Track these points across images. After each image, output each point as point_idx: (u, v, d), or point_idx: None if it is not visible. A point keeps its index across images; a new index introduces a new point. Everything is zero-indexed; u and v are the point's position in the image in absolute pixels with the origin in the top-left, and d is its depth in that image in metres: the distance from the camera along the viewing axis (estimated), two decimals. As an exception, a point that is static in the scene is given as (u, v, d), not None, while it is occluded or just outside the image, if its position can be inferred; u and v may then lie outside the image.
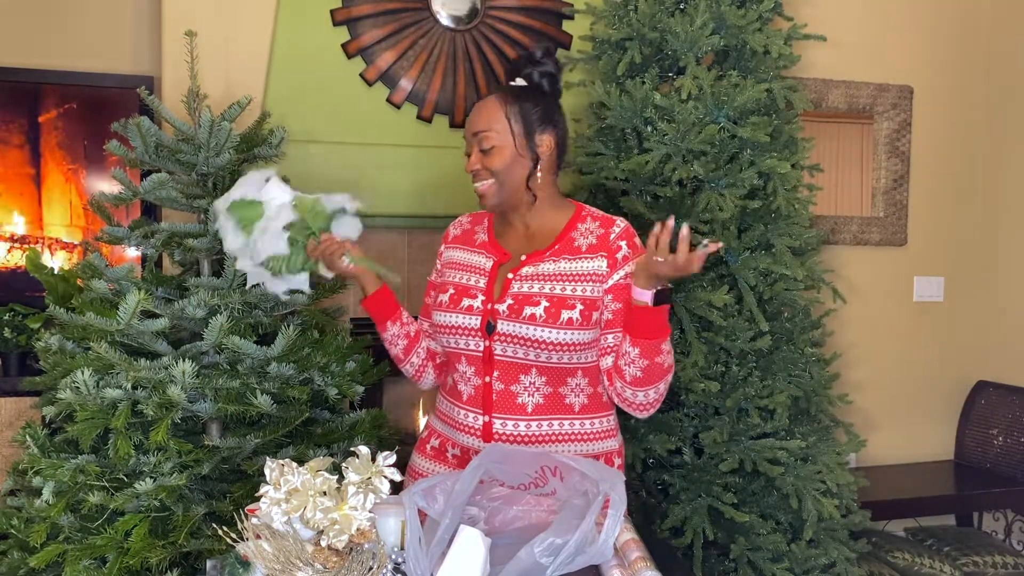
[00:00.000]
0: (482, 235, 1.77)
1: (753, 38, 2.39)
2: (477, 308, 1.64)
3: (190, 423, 2.09)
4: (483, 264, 1.71)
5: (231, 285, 2.07)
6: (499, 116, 1.66)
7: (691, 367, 2.26)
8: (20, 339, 2.76)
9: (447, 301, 1.69)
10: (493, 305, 1.63)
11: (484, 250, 1.73)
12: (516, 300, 1.61)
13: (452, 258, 1.78)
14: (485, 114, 1.67)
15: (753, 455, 2.25)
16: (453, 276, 1.73)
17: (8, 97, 2.95)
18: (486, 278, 1.68)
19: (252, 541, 1.20)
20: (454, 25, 2.91)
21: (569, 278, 1.62)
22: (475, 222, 1.81)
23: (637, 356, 1.54)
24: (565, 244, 1.66)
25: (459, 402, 1.68)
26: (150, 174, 2.16)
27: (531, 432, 1.62)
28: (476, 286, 1.68)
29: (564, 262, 1.64)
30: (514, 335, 1.60)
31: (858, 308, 3.26)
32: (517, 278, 1.65)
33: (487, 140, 1.66)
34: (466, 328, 1.64)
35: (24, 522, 2.03)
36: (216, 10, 2.73)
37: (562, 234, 1.68)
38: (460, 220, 1.85)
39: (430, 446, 1.77)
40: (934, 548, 3.01)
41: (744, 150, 2.39)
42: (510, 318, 1.60)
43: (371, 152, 2.84)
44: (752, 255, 2.35)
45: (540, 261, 1.66)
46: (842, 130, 3.48)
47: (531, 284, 1.63)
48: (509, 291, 1.63)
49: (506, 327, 1.60)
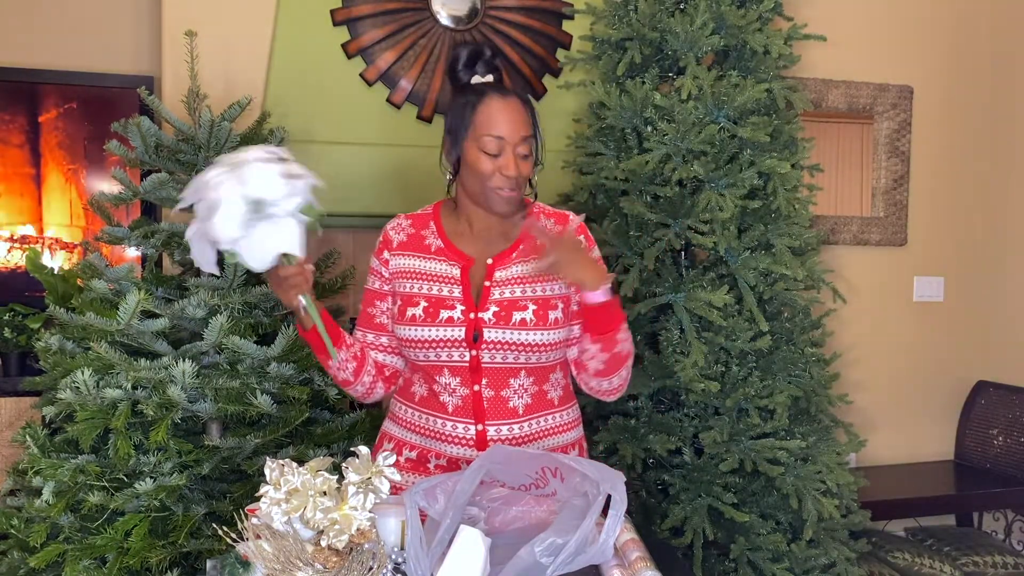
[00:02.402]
0: (434, 239, 1.68)
1: (753, 38, 2.39)
2: (459, 319, 1.59)
3: (190, 423, 2.09)
4: (450, 272, 1.64)
5: (231, 285, 2.07)
6: (530, 122, 1.62)
7: (691, 367, 2.26)
8: (20, 339, 2.76)
9: (422, 315, 1.60)
10: (477, 314, 1.59)
11: (444, 256, 1.66)
12: (501, 307, 1.59)
13: (404, 267, 1.67)
14: (524, 119, 1.60)
15: (753, 455, 2.25)
16: (416, 287, 1.64)
17: (8, 97, 2.95)
18: (460, 287, 1.62)
19: (252, 541, 1.20)
20: (454, 25, 2.91)
21: (544, 277, 1.63)
22: (418, 225, 1.71)
23: (598, 351, 1.59)
24: (529, 244, 1.65)
25: (442, 414, 1.63)
26: (150, 174, 2.16)
27: (524, 433, 1.63)
28: (452, 296, 1.61)
29: (534, 262, 1.63)
30: (503, 342, 1.58)
31: (858, 308, 3.26)
32: (495, 284, 1.61)
33: (526, 146, 1.60)
34: (449, 340, 1.59)
35: (24, 522, 2.03)
36: (216, 10, 2.73)
37: (524, 234, 1.66)
38: (398, 223, 1.73)
39: (405, 458, 1.67)
40: (934, 548, 3.01)
41: (744, 150, 2.39)
42: (498, 325, 1.58)
43: (371, 152, 2.84)
44: (752, 255, 2.35)
45: (509, 263, 1.64)
46: (842, 130, 3.48)
47: (512, 289, 1.61)
48: (490, 298, 1.60)
49: (494, 335, 1.58)
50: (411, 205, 3.01)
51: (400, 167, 2.85)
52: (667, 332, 2.35)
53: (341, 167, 2.79)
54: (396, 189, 2.86)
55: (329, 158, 2.78)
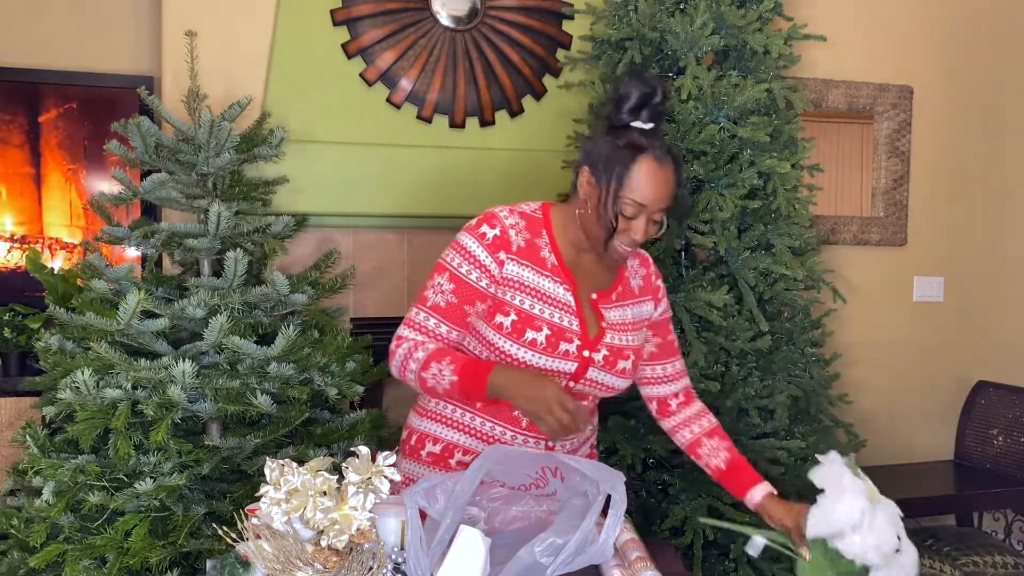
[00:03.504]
0: (548, 254, 1.56)
1: (753, 38, 2.39)
2: (573, 354, 1.54)
3: (190, 423, 2.09)
4: (565, 297, 1.54)
5: (231, 285, 2.07)
6: (675, 188, 1.52)
7: (691, 367, 2.25)
8: (20, 339, 2.76)
9: (543, 343, 1.51)
10: (590, 353, 1.55)
11: (558, 277, 1.55)
12: (611, 351, 1.58)
13: (521, 277, 1.52)
14: (671, 187, 1.51)
15: (753, 455, 2.25)
16: (538, 308, 1.52)
17: (8, 97, 2.95)
18: (577, 319, 1.54)
19: (252, 541, 1.20)
20: (454, 25, 2.91)
21: (637, 326, 1.65)
22: (531, 230, 1.56)
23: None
24: (625, 286, 1.65)
25: (513, 426, 1.58)
26: (150, 174, 2.16)
27: (581, 454, 1.68)
28: (571, 328, 1.53)
29: (630, 308, 1.64)
30: (602, 383, 1.59)
31: (858, 308, 3.25)
32: (610, 326, 1.59)
33: (662, 213, 1.52)
34: (559, 371, 1.54)
35: (24, 522, 2.03)
36: (216, 10, 2.73)
37: (620, 274, 1.65)
38: (515, 222, 1.54)
39: (427, 452, 1.62)
40: (934, 548, 3.01)
41: (744, 150, 2.39)
42: (604, 368, 1.57)
43: (371, 152, 2.84)
44: (752, 255, 2.35)
45: (610, 304, 1.61)
46: (842, 130, 3.48)
47: (621, 336, 1.60)
48: (603, 340, 1.57)
49: (597, 375, 1.57)
50: (411, 205, 3.02)
51: (400, 167, 2.85)
52: (667, 332, 2.35)
53: (341, 167, 2.79)
54: (396, 189, 2.86)
55: (329, 158, 2.78)
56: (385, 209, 2.86)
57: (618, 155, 1.48)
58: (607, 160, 1.49)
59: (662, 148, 1.50)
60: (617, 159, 1.48)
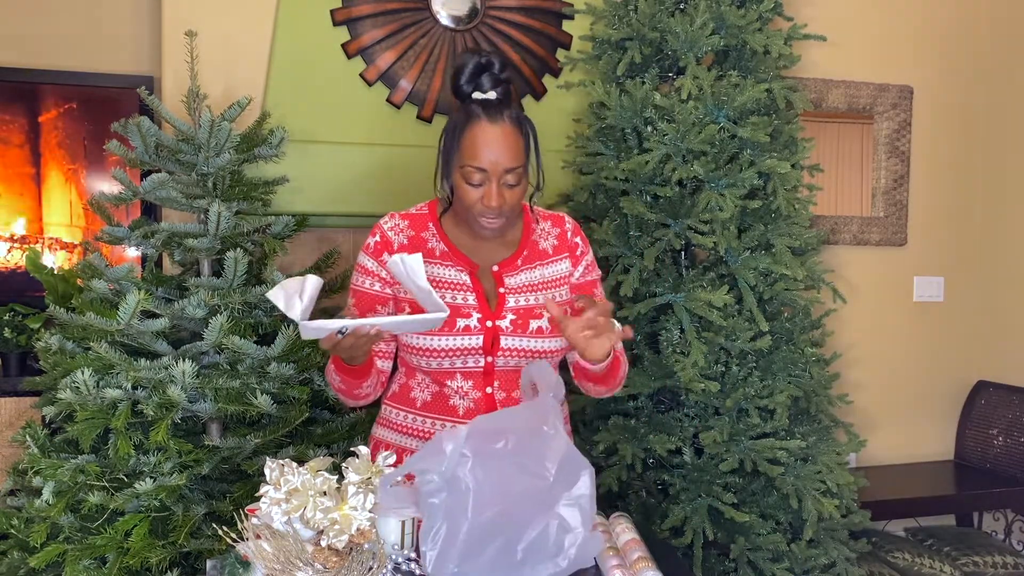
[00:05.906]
0: (436, 243, 1.63)
1: (753, 38, 2.39)
2: (475, 327, 1.57)
3: (190, 423, 2.09)
4: (460, 278, 1.60)
5: (231, 285, 2.07)
6: (522, 148, 1.53)
7: (691, 367, 2.26)
8: (20, 339, 2.76)
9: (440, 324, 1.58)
10: (494, 322, 1.58)
11: (450, 261, 1.62)
12: (518, 315, 1.59)
13: None
14: (515, 148, 1.52)
15: (753, 455, 2.25)
16: None
17: (8, 97, 2.95)
18: (473, 293, 1.59)
19: (252, 541, 1.20)
20: (454, 25, 2.91)
21: (551, 284, 1.65)
22: (416, 226, 1.65)
23: (592, 387, 1.65)
24: (532, 249, 1.66)
25: (453, 416, 1.61)
26: (150, 174, 2.16)
27: None
28: (467, 304, 1.58)
29: (539, 269, 1.65)
30: (520, 349, 1.59)
31: (858, 308, 3.26)
32: (509, 291, 1.61)
33: (514, 175, 1.53)
34: (467, 348, 1.57)
35: (24, 522, 2.03)
36: (216, 10, 2.73)
37: (524, 239, 1.66)
38: (395, 224, 1.65)
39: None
40: (934, 548, 3.01)
41: (744, 150, 2.39)
42: (515, 333, 1.58)
43: (371, 152, 2.84)
44: (752, 255, 2.35)
45: (515, 270, 1.63)
46: (842, 130, 3.48)
47: (525, 296, 1.61)
48: (506, 305, 1.59)
49: (511, 342, 1.58)
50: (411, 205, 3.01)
51: (400, 167, 2.85)
52: (667, 332, 2.35)
53: (341, 167, 2.79)
54: (396, 189, 2.85)
55: (329, 158, 2.77)
56: (385, 209, 2.83)
57: (452, 126, 1.55)
58: (448, 134, 1.56)
59: (500, 112, 1.51)
60: (452, 130, 1.55)
